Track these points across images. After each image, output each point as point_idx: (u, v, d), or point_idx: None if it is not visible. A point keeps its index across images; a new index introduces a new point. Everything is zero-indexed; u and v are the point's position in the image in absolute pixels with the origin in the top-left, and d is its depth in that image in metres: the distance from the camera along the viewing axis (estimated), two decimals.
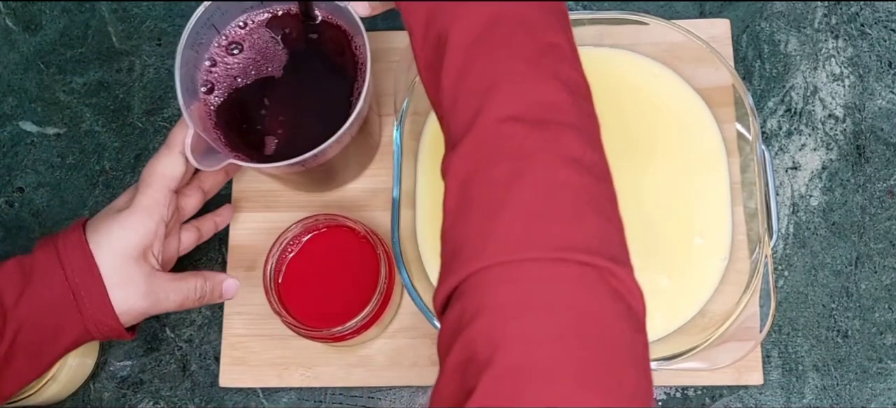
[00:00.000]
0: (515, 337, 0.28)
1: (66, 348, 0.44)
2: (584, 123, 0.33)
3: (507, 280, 0.29)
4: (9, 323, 0.42)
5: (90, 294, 0.43)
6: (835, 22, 0.59)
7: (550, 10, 0.35)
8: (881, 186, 0.56)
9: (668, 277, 0.52)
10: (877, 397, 0.52)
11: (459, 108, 0.33)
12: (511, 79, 0.33)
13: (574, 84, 0.34)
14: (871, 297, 0.54)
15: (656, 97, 0.55)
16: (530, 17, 0.34)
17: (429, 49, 0.35)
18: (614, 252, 0.31)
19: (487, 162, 0.32)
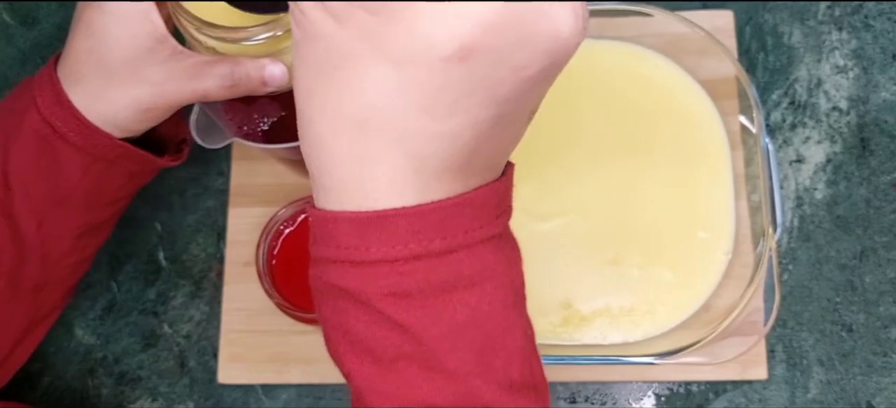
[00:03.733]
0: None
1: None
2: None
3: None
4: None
5: (43, 88, 0.39)
6: (838, 14, 0.58)
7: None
8: (886, 179, 0.55)
9: (671, 271, 0.52)
10: (882, 392, 0.52)
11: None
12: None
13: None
14: (876, 290, 0.53)
15: (659, 89, 0.55)
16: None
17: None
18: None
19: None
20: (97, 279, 0.57)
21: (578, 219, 0.53)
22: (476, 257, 0.25)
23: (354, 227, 0.24)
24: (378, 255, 0.24)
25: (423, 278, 0.24)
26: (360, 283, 0.25)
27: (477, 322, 0.26)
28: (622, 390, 0.53)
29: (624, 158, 0.54)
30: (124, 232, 0.58)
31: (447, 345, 0.25)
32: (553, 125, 0.54)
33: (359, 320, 0.25)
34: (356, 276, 0.25)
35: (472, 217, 0.25)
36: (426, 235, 0.24)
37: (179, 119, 0.46)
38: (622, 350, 0.50)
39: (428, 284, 0.25)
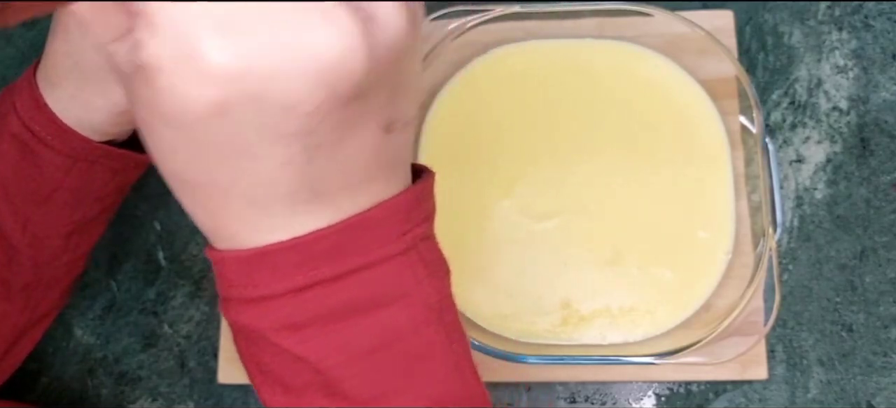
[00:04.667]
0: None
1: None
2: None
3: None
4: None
5: (21, 94, 0.39)
6: (839, 14, 0.58)
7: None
8: (886, 179, 0.55)
9: (671, 270, 0.52)
10: (882, 391, 0.52)
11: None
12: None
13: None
14: (877, 290, 0.53)
15: (659, 89, 0.55)
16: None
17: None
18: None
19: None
20: (96, 279, 0.57)
21: (578, 218, 0.53)
22: (374, 281, 0.24)
23: (240, 265, 0.24)
24: (267, 290, 0.24)
25: (314, 308, 0.24)
26: (254, 319, 0.25)
27: (383, 345, 0.25)
28: (622, 389, 0.53)
29: (623, 157, 0.54)
30: (123, 231, 0.58)
31: (349, 372, 0.25)
32: (552, 125, 0.54)
33: (264, 351, 0.25)
34: (250, 312, 0.25)
35: (367, 239, 0.24)
36: (312, 266, 0.24)
37: None
38: (622, 350, 0.50)
39: (320, 313, 0.24)
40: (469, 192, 0.53)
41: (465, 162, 0.54)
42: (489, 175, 0.53)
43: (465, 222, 0.53)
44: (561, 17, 0.54)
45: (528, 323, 0.52)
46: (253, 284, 0.24)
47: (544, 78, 0.55)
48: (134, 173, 0.46)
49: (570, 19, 0.54)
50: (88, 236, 0.47)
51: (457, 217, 0.53)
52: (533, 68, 0.55)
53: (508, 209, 0.53)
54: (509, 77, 0.55)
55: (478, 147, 0.54)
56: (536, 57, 0.55)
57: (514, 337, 0.51)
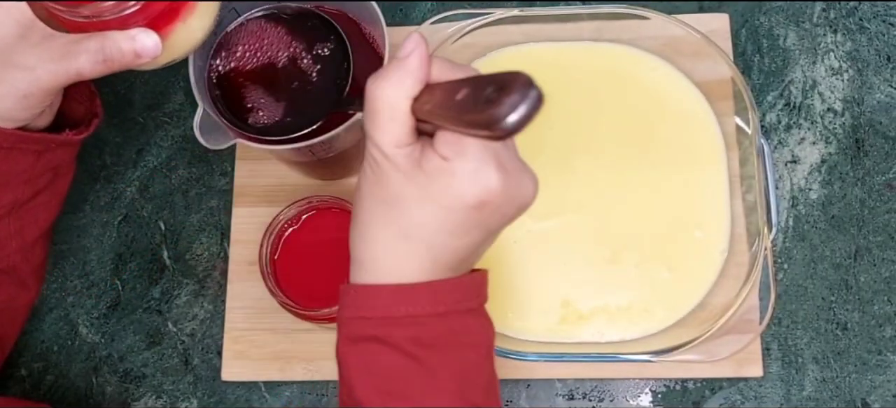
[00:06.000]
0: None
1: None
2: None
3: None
4: None
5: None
6: (833, 16, 0.59)
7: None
8: (880, 180, 0.56)
9: (667, 269, 0.52)
10: (876, 389, 0.52)
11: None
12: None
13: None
14: (871, 289, 0.54)
15: (656, 91, 0.55)
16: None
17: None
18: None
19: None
20: (101, 278, 0.58)
21: (576, 218, 0.54)
22: (462, 319, 0.37)
23: (391, 293, 0.36)
24: (404, 312, 0.36)
25: (432, 329, 0.36)
26: (392, 330, 0.36)
27: (461, 360, 0.37)
28: (619, 387, 0.53)
29: (621, 158, 0.54)
30: (129, 231, 0.58)
31: (445, 373, 0.36)
32: (551, 126, 0.55)
33: (384, 357, 0.36)
34: (389, 326, 0.36)
35: (462, 293, 0.37)
36: (435, 301, 0.36)
37: (92, 97, 0.46)
38: (619, 348, 0.51)
39: (435, 332, 0.36)
40: None
41: None
42: None
43: None
44: (559, 20, 0.55)
45: (528, 321, 0.52)
46: (396, 307, 0.36)
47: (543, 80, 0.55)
48: (62, 153, 0.46)
49: (569, 22, 0.55)
50: (34, 219, 0.46)
51: None
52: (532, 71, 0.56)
53: None
54: None
55: None
56: (535, 59, 0.56)
57: (513, 335, 0.52)
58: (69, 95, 0.45)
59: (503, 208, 0.35)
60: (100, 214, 0.59)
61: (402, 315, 0.36)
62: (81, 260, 0.58)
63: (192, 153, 0.59)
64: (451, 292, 0.36)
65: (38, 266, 0.48)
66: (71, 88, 0.44)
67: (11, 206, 0.44)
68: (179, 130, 0.60)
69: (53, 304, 0.57)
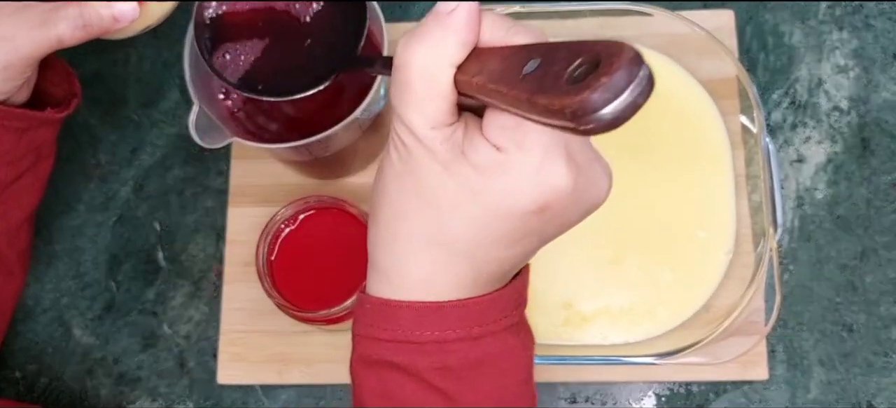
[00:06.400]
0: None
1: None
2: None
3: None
4: None
5: None
6: (839, 13, 0.58)
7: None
8: (886, 179, 0.55)
9: (671, 271, 0.52)
10: (882, 392, 0.52)
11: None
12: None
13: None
14: (877, 290, 0.53)
15: (660, 89, 0.54)
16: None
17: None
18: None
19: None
20: (96, 279, 0.57)
21: None
22: (500, 341, 0.31)
23: (415, 314, 0.30)
24: (430, 337, 0.29)
25: (462, 356, 0.30)
26: (413, 358, 0.30)
27: (499, 390, 0.31)
28: (623, 390, 0.53)
29: (625, 157, 0.53)
30: (123, 232, 0.57)
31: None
32: None
33: (404, 387, 0.30)
34: (410, 352, 0.30)
35: (501, 309, 0.30)
36: (468, 323, 0.30)
37: (70, 76, 0.46)
38: (623, 350, 0.50)
39: (466, 360, 0.30)
40: None
41: None
42: None
43: None
44: (562, 17, 0.54)
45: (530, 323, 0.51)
46: (421, 330, 0.30)
47: None
48: (45, 132, 0.45)
49: (571, 19, 0.54)
50: (17, 202, 0.46)
51: None
52: None
53: None
54: None
55: None
56: None
57: None
58: (47, 78, 0.44)
59: (569, 212, 0.28)
60: (94, 215, 0.58)
61: (428, 340, 0.29)
62: (75, 261, 0.57)
63: (187, 152, 0.58)
64: (487, 310, 0.30)
65: (22, 251, 0.48)
66: (49, 71, 0.44)
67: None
68: (175, 129, 0.59)
69: (47, 305, 0.57)
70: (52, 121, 0.45)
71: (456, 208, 0.27)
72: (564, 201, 0.27)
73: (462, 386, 0.30)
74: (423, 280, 0.29)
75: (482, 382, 0.30)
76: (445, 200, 0.27)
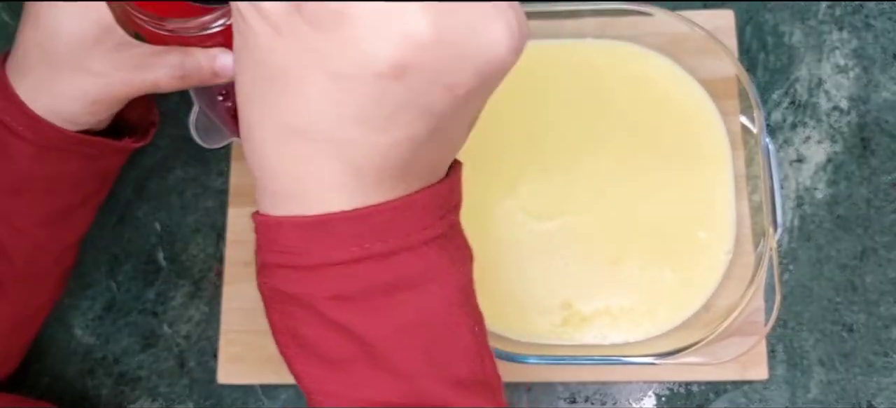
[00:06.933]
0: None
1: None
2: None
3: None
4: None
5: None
6: (839, 13, 0.58)
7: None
8: (886, 179, 0.55)
9: (672, 271, 0.52)
10: (882, 392, 0.52)
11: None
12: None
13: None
14: (877, 290, 0.53)
15: (659, 89, 0.55)
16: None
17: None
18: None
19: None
20: (96, 279, 0.57)
21: (579, 219, 0.53)
22: (418, 258, 0.26)
23: (298, 232, 0.25)
24: (321, 259, 0.25)
25: (365, 281, 0.25)
26: (305, 287, 0.25)
27: (422, 322, 0.26)
28: (622, 390, 0.53)
29: (624, 157, 0.54)
30: (124, 232, 0.57)
31: (391, 345, 0.26)
32: (553, 125, 0.54)
33: (306, 322, 0.26)
34: (300, 280, 0.25)
35: (414, 219, 0.25)
36: (367, 239, 0.25)
37: (150, 104, 0.45)
38: (622, 350, 0.50)
39: (370, 286, 0.25)
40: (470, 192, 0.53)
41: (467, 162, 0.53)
42: (490, 175, 0.53)
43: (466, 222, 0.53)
44: (562, 16, 0.54)
45: (529, 323, 0.51)
46: (308, 252, 0.25)
47: (545, 78, 0.55)
48: (114, 160, 0.45)
49: (571, 19, 0.54)
50: (73, 226, 0.46)
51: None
52: (534, 68, 0.55)
53: (510, 209, 0.53)
54: (510, 77, 0.55)
55: (479, 147, 0.54)
56: (537, 57, 0.55)
57: (514, 337, 0.51)
58: (127, 104, 0.43)
59: (449, 72, 0.21)
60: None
61: (318, 264, 0.24)
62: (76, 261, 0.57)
63: (188, 153, 0.58)
64: (393, 221, 0.25)
65: (66, 270, 0.49)
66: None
67: (58, 212, 0.43)
68: (175, 130, 0.59)
69: None
70: (126, 150, 0.44)
71: (300, 82, 0.22)
72: (430, 56, 0.21)
73: (369, 319, 0.25)
74: (294, 186, 0.25)
75: (395, 312, 0.25)
76: (288, 73, 0.23)
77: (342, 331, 0.25)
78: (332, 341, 0.26)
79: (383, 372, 0.26)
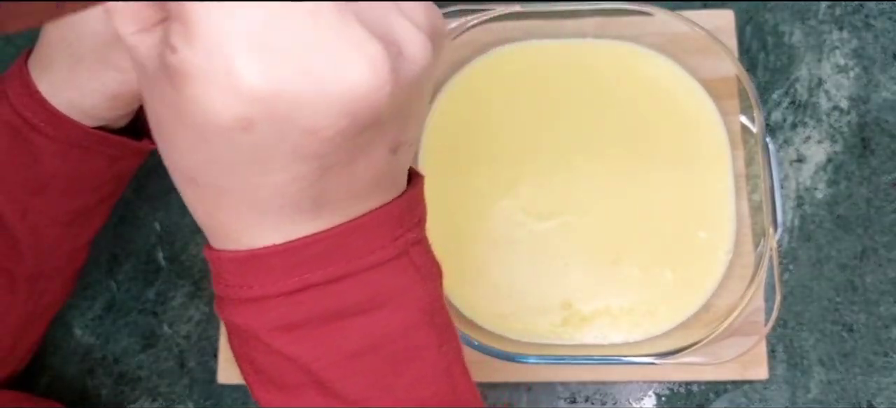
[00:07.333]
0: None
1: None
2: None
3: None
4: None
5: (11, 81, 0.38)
6: (839, 13, 0.58)
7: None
8: (887, 179, 0.55)
9: (671, 271, 0.52)
10: (883, 391, 0.52)
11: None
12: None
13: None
14: (877, 290, 0.53)
15: (659, 89, 0.54)
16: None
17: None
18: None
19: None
20: (96, 279, 0.57)
21: (578, 219, 0.53)
22: (365, 285, 0.25)
23: (234, 266, 0.25)
24: (261, 292, 0.25)
25: (308, 311, 0.25)
26: (249, 319, 0.25)
27: (373, 347, 0.26)
28: (622, 390, 0.53)
29: (624, 157, 0.54)
30: (124, 232, 0.57)
31: (341, 372, 0.26)
32: (553, 125, 0.54)
33: (257, 351, 0.26)
34: (244, 312, 0.25)
35: (359, 244, 0.25)
36: (306, 269, 0.24)
37: None
38: (622, 350, 0.50)
39: (314, 315, 0.25)
40: (470, 192, 0.53)
41: (466, 162, 0.54)
42: (490, 175, 0.53)
43: (465, 222, 0.53)
44: (561, 16, 0.54)
45: (529, 323, 0.51)
46: (248, 285, 0.25)
47: (545, 78, 0.55)
48: (132, 161, 0.45)
49: (571, 19, 0.54)
50: (89, 226, 0.46)
51: (457, 217, 0.53)
52: (533, 68, 0.55)
53: (509, 209, 0.53)
54: (510, 77, 0.55)
55: (478, 147, 0.54)
56: (537, 57, 0.55)
57: (514, 337, 0.51)
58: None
59: (304, 117, 0.20)
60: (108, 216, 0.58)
61: (258, 296, 0.25)
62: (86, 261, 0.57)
63: None
64: (331, 250, 0.24)
65: (78, 270, 0.49)
66: None
67: (78, 212, 0.43)
68: None
69: None
70: (144, 152, 0.44)
71: (173, 134, 0.23)
72: (273, 105, 0.20)
73: (314, 347, 0.25)
74: (216, 225, 0.25)
75: (343, 338, 0.25)
76: (162, 123, 0.23)
77: (289, 360, 0.25)
78: (282, 369, 0.26)
79: (335, 399, 0.26)
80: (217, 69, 0.19)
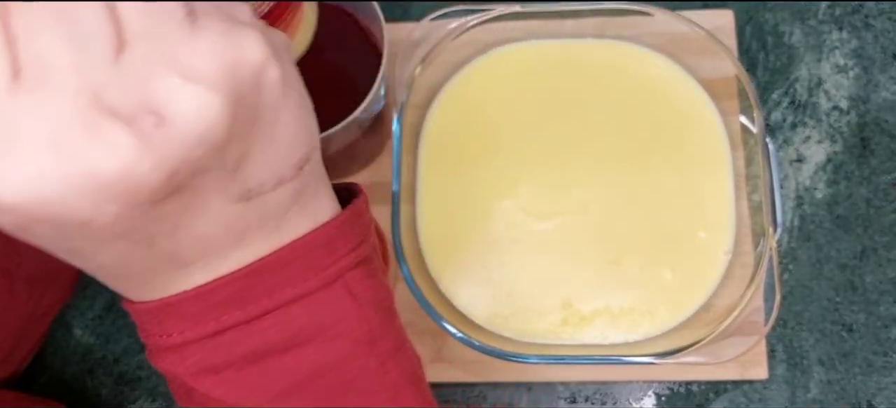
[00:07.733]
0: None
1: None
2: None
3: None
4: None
5: None
6: (839, 13, 0.58)
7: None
8: (886, 179, 0.55)
9: (671, 270, 0.52)
10: (882, 391, 0.52)
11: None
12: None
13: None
14: (877, 290, 0.53)
15: (659, 89, 0.55)
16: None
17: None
18: None
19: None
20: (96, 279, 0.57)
21: (578, 219, 0.53)
22: (289, 320, 0.24)
23: (148, 316, 0.25)
24: (180, 339, 0.24)
25: (228, 352, 0.24)
26: (172, 365, 0.25)
27: (304, 384, 0.25)
28: (622, 389, 0.53)
29: (624, 157, 0.54)
30: None
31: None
32: (553, 125, 0.54)
33: (187, 396, 0.26)
34: (167, 359, 0.25)
35: (278, 279, 0.24)
36: (221, 311, 0.24)
37: None
38: (622, 350, 0.50)
39: (235, 356, 0.24)
40: (469, 192, 0.53)
41: (466, 162, 0.54)
42: (490, 175, 0.53)
43: (465, 222, 0.53)
44: (561, 16, 0.54)
45: (529, 323, 0.51)
46: (166, 333, 0.24)
47: (545, 78, 0.55)
48: None
49: (571, 19, 0.54)
50: None
51: (457, 217, 0.53)
52: (533, 68, 0.55)
53: (509, 209, 0.53)
54: (510, 77, 0.55)
55: (478, 147, 0.54)
56: (537, 57, 0.55)
57: (514, 337, 0.51)
58: None
59: (64, 213, 0.19)
60: None
61: (178, 343, 0.24)
62: None
63: None
64: (247, 289, 0.23)
65: (78, 270, 0.48)
66: None
67: None
68: None
69: None
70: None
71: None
72: (25, 210, 0.19)
73: (239, 389, 0.24)
74: (118, 287, 0.25)
75: (269, 378, 0.24)
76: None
77: (219, 402, 0.25)
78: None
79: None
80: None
